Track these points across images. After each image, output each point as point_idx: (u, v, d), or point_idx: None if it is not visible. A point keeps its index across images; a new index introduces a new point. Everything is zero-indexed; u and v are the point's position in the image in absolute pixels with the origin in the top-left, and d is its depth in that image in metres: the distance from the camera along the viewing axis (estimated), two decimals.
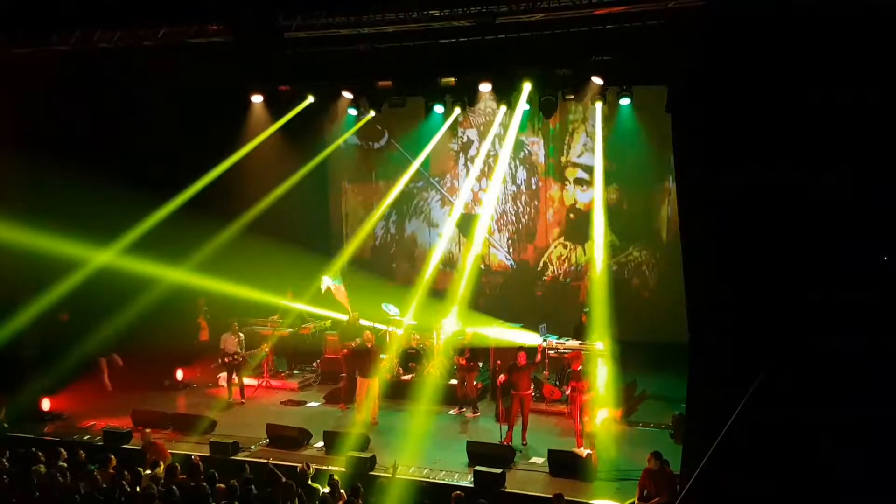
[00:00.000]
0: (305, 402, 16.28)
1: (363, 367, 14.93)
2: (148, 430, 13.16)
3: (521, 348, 14.10)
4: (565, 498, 10.72)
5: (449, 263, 20.86)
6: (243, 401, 16.31)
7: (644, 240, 19.36)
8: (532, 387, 14.17)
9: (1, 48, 14.57)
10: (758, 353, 10.19)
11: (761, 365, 10.05)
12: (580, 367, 13.84)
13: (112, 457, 11.89)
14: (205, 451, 13.10)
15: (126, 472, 10.89)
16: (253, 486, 10.57)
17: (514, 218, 20.44)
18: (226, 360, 16.33)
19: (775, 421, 9.90)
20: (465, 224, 20.24)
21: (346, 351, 15.86)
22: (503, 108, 16.78)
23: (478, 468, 12.06)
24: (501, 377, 14.22)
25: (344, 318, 17.45)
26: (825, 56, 9.89)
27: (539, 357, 14.58)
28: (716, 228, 10.80)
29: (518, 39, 13.34)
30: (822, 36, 9.83)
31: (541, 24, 12.91)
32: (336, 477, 11.13)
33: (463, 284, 18.19)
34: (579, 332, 16.03)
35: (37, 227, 14.50)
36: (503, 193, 20.13)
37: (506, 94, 15.85)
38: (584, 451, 12.64)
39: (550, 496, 10.73)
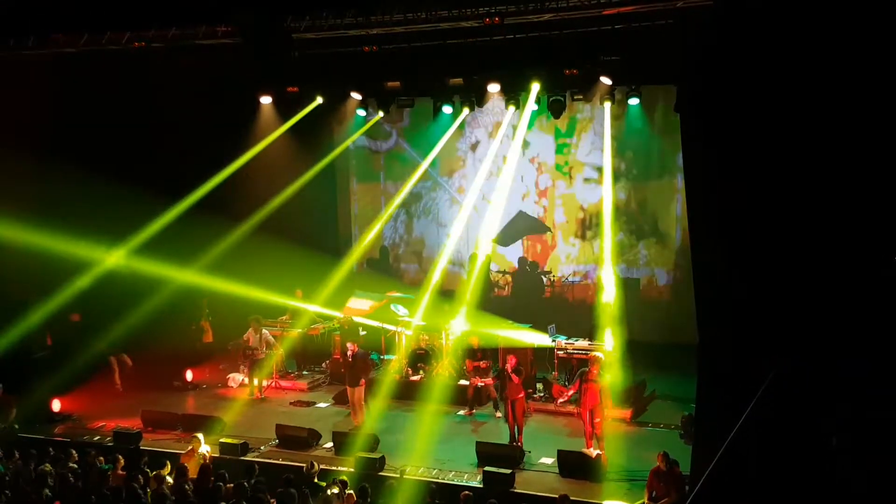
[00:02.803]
0: (315, 403, 16.29)
1: (347, 375, 14.91)
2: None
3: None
4: (575, 499, 10.71)
5: (457, 264, 20.86)
6: (262, 397, 16.39)
7: (653, 238, 19.31)
8: (521, 391, 13.99)
9: (9, 50, 14.65)
10: (767, 354, 10.15)
11: (771, 366, 10.01)
12: (597, 370, 13.61)
13: (120, 457, 11.92)
14: (214, 452, 13.12)
15: (137, 474, 10.93)
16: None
17: None
18: (247, 353, 16.46)
19: (784, 422, 9.86)
20: (474, 224, 20.21)
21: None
22: (512, 108, 16.75)
23: (487, 468, 12.07)
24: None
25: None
26: (834, 56, 9.85)
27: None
28: (725, 228, 10.77)
29: (526, 40, 13.35)
30: (831, 36, 9.80)
31: (549, 24, 12.91)
32: (344, 477, 11.14)
33: (471, 285, 18.17)
34: (592, 333, 15.93)
35: (46, 229, 14.54)
36: (512, 193, 20.06)
37: (514, 95, 15.86)
38: (593, 452, 12.61)
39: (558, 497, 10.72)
